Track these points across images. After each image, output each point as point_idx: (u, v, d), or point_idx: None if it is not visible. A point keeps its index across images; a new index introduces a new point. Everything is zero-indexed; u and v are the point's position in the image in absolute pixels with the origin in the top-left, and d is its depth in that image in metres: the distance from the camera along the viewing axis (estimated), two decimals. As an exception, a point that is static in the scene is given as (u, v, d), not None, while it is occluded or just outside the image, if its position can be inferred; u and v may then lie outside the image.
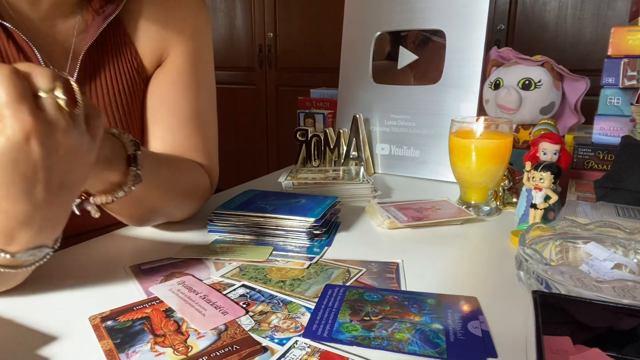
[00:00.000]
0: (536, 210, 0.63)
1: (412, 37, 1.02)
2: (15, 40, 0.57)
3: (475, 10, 0.89)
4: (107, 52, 0.63)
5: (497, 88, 0.93)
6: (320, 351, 0.39)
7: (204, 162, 0.70)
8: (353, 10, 1.04)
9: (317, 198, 0.69)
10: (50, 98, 0.38)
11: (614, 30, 0.76)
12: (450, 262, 0.58)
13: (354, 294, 0.48)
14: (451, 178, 0.82)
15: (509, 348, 0.40)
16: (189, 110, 0.68)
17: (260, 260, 0.55)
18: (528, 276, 0.46)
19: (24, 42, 0.56)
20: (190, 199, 0.67)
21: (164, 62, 0.68)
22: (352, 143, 0.96)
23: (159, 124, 0.67)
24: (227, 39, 2.98)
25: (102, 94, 0.63)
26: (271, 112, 3.01)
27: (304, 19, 2.78)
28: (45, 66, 0.58)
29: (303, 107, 1.20)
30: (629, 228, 0.52)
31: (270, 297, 0.47)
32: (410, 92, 0.97)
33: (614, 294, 0.39)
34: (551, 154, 0.67)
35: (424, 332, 0.41)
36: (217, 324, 0.42)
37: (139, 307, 0.45)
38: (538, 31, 2.28)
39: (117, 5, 0.62)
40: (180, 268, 0.54)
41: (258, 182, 0.94)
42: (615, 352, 0.36)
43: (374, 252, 0.60)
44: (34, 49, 0.57)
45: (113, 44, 0.64)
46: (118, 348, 0.39)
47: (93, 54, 0.62)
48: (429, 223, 0.68)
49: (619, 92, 0.79)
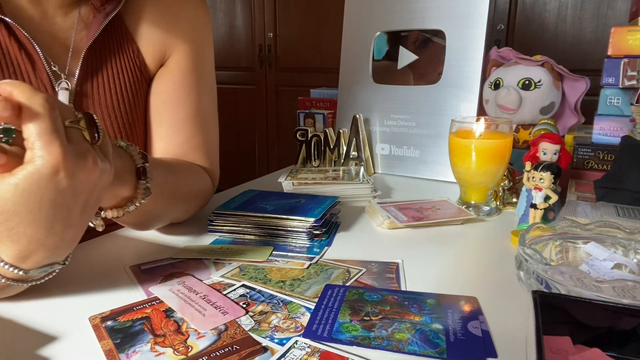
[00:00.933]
0: (536, 210, 0.63)
1: (412, 38, 1.02)
2: (16, 36, 0.57)
3: (475, 10, 0.89)
4: (109, 49, 0.63)
5: (497, 88, 0.93)
6: (320, 351, 0.39)
7: (205, 163, 0.70)
8: (353, 10, 1.04)
9: (317, 198, 0.69)
10: (78, 130, 0.40)
11: (614, 30, 0.76)
12: (450, 262, 0.58)
13: (354, 294, 0.48)
14: (451, 178, 0.82)
15: (509, 348, 0.40)
16: (192, 110, 0.68)
17: (260, 260, 0.55)
18: (528, 276, 0.46)
19: (26, 39, 0.57)
20: (194, 203, 0.67)
21: (167, 62, 0.68)
22: (352, 143, 0.96)
23: (163, 124, 0.68)
24: (227, 39, 2.98)
25: (104, 91, 0.63)
26: (271, 112, 3.01)
27: (304, 19, 2.78)
28: (47, 64, 0.58)
29: (303, 107, 1.20)
30: (629, 228, 0.52)
31: (270, 297, 0.47)
32: (410, 92, 0.97)
33: (614, 294, 0.39)
34: (551, 154, 0.67)
35: (424, 332, 0.41)
36: (217, 324, 0.42)
37: (139, 307, 0.45)
38: (538, 31, 2.28)
39: (118, 2, 0.62)
40: (180, 268, 0.54)
41: (258, 182, 0.94)
42: (615, 352, 0.36)
43: (374, 252, 0.60)
44: (35, 45, 0.57)
45: (114, 42, 0.64)
46: (118, 348, 0.39)
47: (95, 52, 0.62)
48: (429, 223, 0.68)
49: (619, 92, 0.79)
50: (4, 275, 0.41)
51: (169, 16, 0.67)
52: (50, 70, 0.59)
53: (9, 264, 0.40)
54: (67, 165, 0.38)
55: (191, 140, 0.68)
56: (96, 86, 0.62)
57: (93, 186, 0.41)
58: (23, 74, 0.57)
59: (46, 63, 0.58)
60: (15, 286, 0.43)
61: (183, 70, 0.68)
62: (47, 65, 0.58)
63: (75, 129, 0.40)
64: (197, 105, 0.69)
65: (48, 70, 0.58)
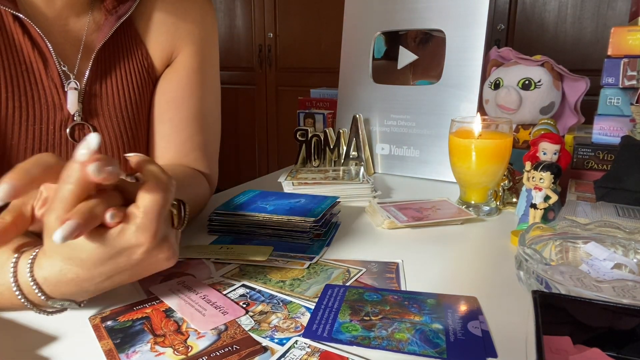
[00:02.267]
0: (536, 210, 0.63)
1: (412, 35, 1.02)
2: (30, 34, 0.57)
3: (475, 10, 0.89)
4: (119, 51, 0.64)
5: (497, 88, 0.93)
6: (320, 351, 0.39)
7: (203, 164, 0.70)
8: (353, 10, 1.04)
9: (317, 198, 0.69)
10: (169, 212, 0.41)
11: (614, 30, 0.76)
12: (450, 262, 0.58)
13: (354, 294, 0.48)
14: (451, 178, 0.82)
15: (509, 348, 0.40)
16: (194, 110, 0.69)
17: (260, 260, 0.55)
18: (528, 276, 0.46)
19: (39, 37, 0.57)
20: (194, 210, 0.67)
21: (173, 63, 0.69)
22: (352, 143, 0.96)
23: (165, 123, 0.68)
24: (227, 39, 2.98)
25: (113, 92, 0.63)
26: (271, 112, 3.00)
27: (304, 19, 2.78)
28: (58, 63, 0.58)
29: (303, 107, 1.20)
30: (629, 228, 0.52)
31: (270, 297, 0.47)
32: (410, 92, 0.97)
33: (614, 294, 0.39)
34: (551, 154, 0.67)
35: (424, 332, 0.41)
36: (217, 324, 0.42)
37: (139, 307, 0.45)
38: (538, 31, 2.28)
39: (130, 5, 0.62)
40: (180, 268, 0.54)
41: (258, 182, 0.94)
42: (615, 352, 0.36)
43: (374, 252, 0.60)
44: (48, 44, 0.57)
45: (124, 44, 0.64)
46: (118, 348, 0.39)
47: (105, 53, 0.63)
48: (429, 223, 0.68)
49: (619, 92, 0.79)
50: (26, 293, 0.40)
51: (177, 18, 0.68)
52: (60, 70, 0.59)
53: (38, 286, 0.39)
54: (150, 245, 0.38)
55: (192, 139, 0.69)
56: (105, 87, 0.63)
57: (156, 266, 0.41)
58: (35, 73, 0.57)
59: (57, 62, 0.58)
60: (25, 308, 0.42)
61: (188, 71, 0.69)
62: (58, 65, 0.59)
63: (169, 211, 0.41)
64: (201, 104, 0.70)
65: (59, 69, 0.59)
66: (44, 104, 0.58)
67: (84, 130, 0.61)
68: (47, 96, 0.58)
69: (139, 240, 0.38)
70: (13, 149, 0.56)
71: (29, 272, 0.39)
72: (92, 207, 0.36)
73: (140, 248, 0.38)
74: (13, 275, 0.40)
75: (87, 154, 0.35)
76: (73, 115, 0.60)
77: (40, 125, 0.58)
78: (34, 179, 0.37)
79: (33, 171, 0.36)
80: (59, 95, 0.59)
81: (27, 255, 0.40)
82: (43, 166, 0.37)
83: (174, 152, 0.68)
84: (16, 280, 0.40)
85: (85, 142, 0.35)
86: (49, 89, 0.58)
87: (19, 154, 0.56)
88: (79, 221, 0.34)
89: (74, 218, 0.34)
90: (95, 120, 0.62)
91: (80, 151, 0.35)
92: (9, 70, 0.56)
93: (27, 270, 0.39)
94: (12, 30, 0.56)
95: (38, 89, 0.57)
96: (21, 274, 0.40)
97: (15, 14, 0.55)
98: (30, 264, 0.39)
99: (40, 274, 0.39)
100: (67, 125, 0.59)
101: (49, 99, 0.58)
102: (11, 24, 0.56)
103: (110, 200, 0.38)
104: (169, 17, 0.67)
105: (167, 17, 0.67)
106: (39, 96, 0.58)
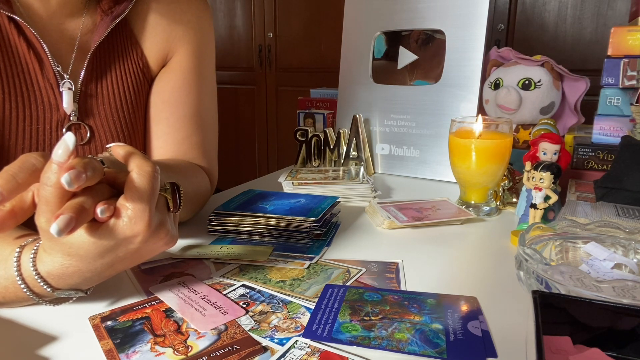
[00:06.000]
0: (536, 210, 0.63)
1: (414, 36, 1.02)
2: (26, 36, 0.57)
3: (475, 10, 0.89)
4: (114, 52, 0.64)
5: (497, 88, 0.93)
6: (320, 351, 0.39)
7: (203, 162, 0.70)
8: (353, 10, 1.04)
9: (317, 198, 0.69)
10: (163, 197, 0.41)
11: (614, 30, 0.76)
12: (450, 262, 0.58)
13: (354, 294, 0.48)
14: (451, 178, 0.82)
15: (509, 348, 0.40)
16: (191, 110, 0.69)
17: (260, 260, 0.55)
18: (528, 276, 0.46)
19: (34, 38, 0.57)
20: (197, 203, 0.68)
21: (169, 63, 0.69)
22: (352, 143, 0.96)
23: (161, 122, 0.68)
24: (227, 39, 2.98)
25: (109, 92, 0.63)
26: (271, 112, 3.00)
27: (304, 19, 2.78)
28: (53, 64, 0.58)
29: (303, 107, 1.20)
30: (629, 228, 0.52)
31: (270, 297, 0.47)
32: (410, 92, 0.97)
33: (614, 294, 0.39)
34: (551, 154, 0.67)
35: (424, 332, 0.41)
36: (217, 324, 0.42)
37: (139, 307, 0.45)
38: (538, 31, 2.28)
39: (126, 6, 0.62)
40: (180, 268, 0.54)
41: (258, 182, 0.94)
42: (615, 352, 0.36)
43: (374, 252, 0.60)
44: (43, 45, 0.57)
45: (120, 44, 0.64)
46: (118, 348, 0.39)
47: (100, 53, 0.63)
48: (429, 223, 0.68)
49: (619, 92, 0.79)
50: (31, 286, 0.41)
51: (173, 18, 0.68)
52: (56, 70, 0.59)
53: (43, 279, 0.40)
54: (146, 234, 0.39)
55: (189, 138, 0.69)
56: (100, 87, 0.63)
57: (155, 251, 0.42)
58: (31, 73, 0.57)
59: (53, 63, 0.58)
60: (31, 300, 0.43)
61: (184, 71, 0.69)
62: (54, 65, 0.59)
63: (162, 195, 0.41)
64: (197, 104, 0.70)
65: (54, 69, 0.59)
66: (40, 105, 0.58)
67: (80, 130, 0.61)
68: (43, 96, 0.58)
69: (133, 231, 0.38)
70: (10, 149, 0.56)
71: (32, 266, 0.40)
72: (81, 202, 0.36)
73: (137, 238, 0.39)
74: (17, 269, 0.41)
75: (63, 155, 0.35)
76: (69, 115, 0.60)
77: (36, 125, 0.58)
78: (20, 184, 0.37)
79: (20, 176, 0.37)
80: (55, 96, 0.59)
81: (28, 250, 0.41)
82: (29, 170, 0.37)
83: (171, 152, 0.68)
84: (20, 274, 0.41)
85: (62, 141, 0.35)
86: (44, 90, 0.58)
87: (16, 154, 0.56)
88: (71, 214, 0.35)
89: (66, 212, 0.35)
90: (92, 120, 0.62)
91: (57, 152, 0.35)
92: (5, 71, 0.56)
93: (31, 265, 0.40)
94: (7, 31, 0.56)
95: (34, 90, 0.58)
96: (25, 268, 0.41)
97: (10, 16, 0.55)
98: (32, 259, 0.40)
99: (43, 269, 0.40)
100: (64, 125, 0.59)
101: (45, 99, 0.58)
102: (6, 25, 0.56)
103: (98, 194, 0.38)
104: (164, 18, 0.67)
105: (163, 18, 0.67)
106: (35, 97, 0.58)
